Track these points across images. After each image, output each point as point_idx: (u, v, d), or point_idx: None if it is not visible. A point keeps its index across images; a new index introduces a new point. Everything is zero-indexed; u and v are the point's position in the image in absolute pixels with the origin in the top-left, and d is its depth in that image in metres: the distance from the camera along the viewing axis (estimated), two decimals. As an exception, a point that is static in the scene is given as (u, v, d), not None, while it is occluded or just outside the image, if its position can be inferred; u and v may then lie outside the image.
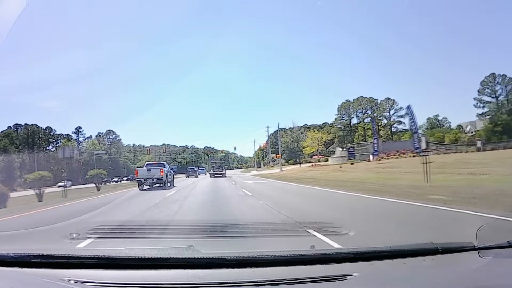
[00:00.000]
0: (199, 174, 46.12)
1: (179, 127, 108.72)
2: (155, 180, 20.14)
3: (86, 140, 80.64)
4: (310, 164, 53.90)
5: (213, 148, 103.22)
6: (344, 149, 53.34)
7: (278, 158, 59.32)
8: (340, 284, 1.63)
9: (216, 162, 42.55)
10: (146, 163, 24.66)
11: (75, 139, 79.33)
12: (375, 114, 75.71)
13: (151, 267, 1.83)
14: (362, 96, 78.12)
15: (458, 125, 66.35)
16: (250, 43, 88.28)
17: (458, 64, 78.49)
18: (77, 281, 1.66)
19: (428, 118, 73.30)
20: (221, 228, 5.41)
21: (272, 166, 72.83)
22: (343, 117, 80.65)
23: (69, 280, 1.67)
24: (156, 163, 23.59)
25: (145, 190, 19.54)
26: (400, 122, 74.99)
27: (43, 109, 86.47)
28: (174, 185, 22.49)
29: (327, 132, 69.60)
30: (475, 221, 5.88)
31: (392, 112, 75.48)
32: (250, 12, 78.14)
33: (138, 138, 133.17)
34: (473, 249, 2.00)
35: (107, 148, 78.71)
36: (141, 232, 5.38)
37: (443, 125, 71.99)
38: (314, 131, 64.09)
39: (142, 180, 20.20)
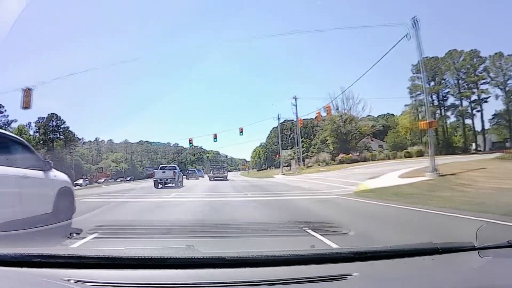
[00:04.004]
0: (199, 177, 45.84)
1: (163, 123, 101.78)
2: (168, 180, 24.34)
3: (12, 124, 55.26)
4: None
5: (200, 147, 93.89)
6: None
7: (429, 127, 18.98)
8: (340, 284, 1.63)
9: (216, 163, 40.35)
10: (160, 166, 29.35)
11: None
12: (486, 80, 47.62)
13: (151, 267, 1.83)
14: (455, 50, 49.91)
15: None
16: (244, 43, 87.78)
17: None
18: (77, 281, 1.66)
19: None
20: (221, 228, 5.42)
21: (309, 166, 46.16)
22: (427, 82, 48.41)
23: (69, 280, 1.67)
24: (169, 166, 28.30)
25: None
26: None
27: (42, 108, 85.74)
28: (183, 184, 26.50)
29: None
30: None
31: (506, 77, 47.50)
32: (250, 8, 77.52)
33: (107, 133, 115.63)
34: (473, 249, 2.00)
35: (48, 139, 57.49)
36: (141, 232, 5.39)
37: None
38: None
39: (158, 180, 24.30)
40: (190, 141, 45.50)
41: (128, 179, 61.06)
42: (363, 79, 53.39)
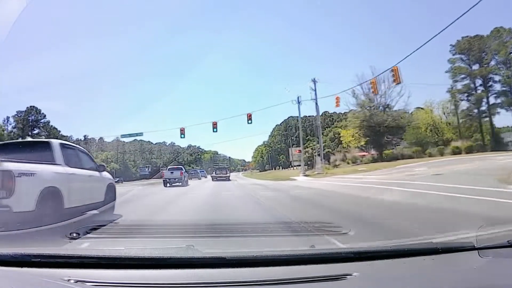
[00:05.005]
0: (201, 177, 46.00)
1: (161, 122, 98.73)
2: (176, 180, 26.81)
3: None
4: None
5: (198, 147, 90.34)
6: None
7: None
8: (340, 284, 1.63)
9: (216, 164, 40.87)
10: (169, 167, 31.99)
11: None
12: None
13: (151, 267, 1.83)
14: (502, 27, 40.24)
15: None
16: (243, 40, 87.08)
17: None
18: (77, 281, 1.66)
19: None
20: (221, 227, 5.42)
21: (336, 164, 37.97)
22: (469, 65, 43.02)
23: (69, 280, 1.67)
24: (177, 167, 30.75)
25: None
26: None
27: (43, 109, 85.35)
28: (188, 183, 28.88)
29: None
30: None
31: None
32: (250, 7, 76.91)
33: (107, 133, 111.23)
34: (473, 248, 2.00)
35: (26, 135, 50.85)
36: (141, 232, 5.38)
37: None
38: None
39: (167, 180, 26.66)
40: (182, 132, 34.97)
41: (116, 180, 57.76)
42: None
